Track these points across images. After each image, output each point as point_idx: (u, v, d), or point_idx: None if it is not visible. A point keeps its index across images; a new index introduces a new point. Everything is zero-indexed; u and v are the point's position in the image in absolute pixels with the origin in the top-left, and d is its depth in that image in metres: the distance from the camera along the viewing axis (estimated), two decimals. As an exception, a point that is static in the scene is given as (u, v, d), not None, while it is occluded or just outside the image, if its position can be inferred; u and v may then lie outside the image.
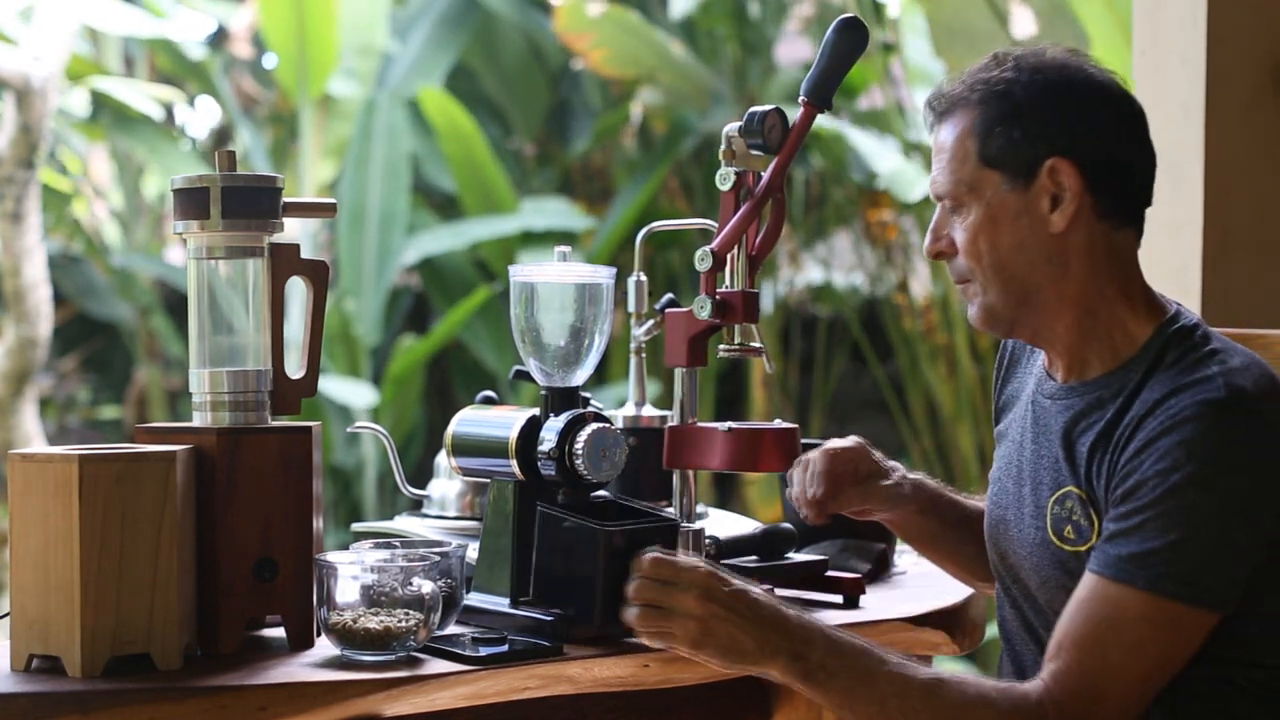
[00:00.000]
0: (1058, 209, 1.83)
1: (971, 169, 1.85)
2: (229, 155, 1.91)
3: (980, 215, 1.85)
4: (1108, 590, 1.73)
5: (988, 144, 1.84)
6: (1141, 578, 1.71)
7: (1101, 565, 1.74)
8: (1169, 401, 1.75)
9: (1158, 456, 1.72)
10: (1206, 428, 1.71)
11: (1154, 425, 1.74)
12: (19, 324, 5.84)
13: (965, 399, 6.38)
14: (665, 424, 2.18)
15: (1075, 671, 1.73)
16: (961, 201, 1.86)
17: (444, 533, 2.22)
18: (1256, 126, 2.99)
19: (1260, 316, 1.93)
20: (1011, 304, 1.87)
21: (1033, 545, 1.88)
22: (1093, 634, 1.73)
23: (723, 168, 2.07)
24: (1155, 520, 1.71)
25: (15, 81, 5.63)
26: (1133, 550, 1.72)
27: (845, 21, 2.06)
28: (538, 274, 2.04)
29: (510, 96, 8.01)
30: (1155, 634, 1.72)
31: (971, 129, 1.85)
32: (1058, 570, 1.84)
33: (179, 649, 1.77)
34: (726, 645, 1.79)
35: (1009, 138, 1.83)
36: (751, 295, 2.09)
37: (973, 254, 1.86)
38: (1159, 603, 1.71)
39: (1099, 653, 1.72)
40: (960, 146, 1.86)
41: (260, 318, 1.93)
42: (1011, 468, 1.96)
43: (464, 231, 7.37)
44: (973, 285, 1.88)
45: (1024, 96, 1.84)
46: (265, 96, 8.68)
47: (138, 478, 1.75)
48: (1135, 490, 1.73)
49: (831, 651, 1.78)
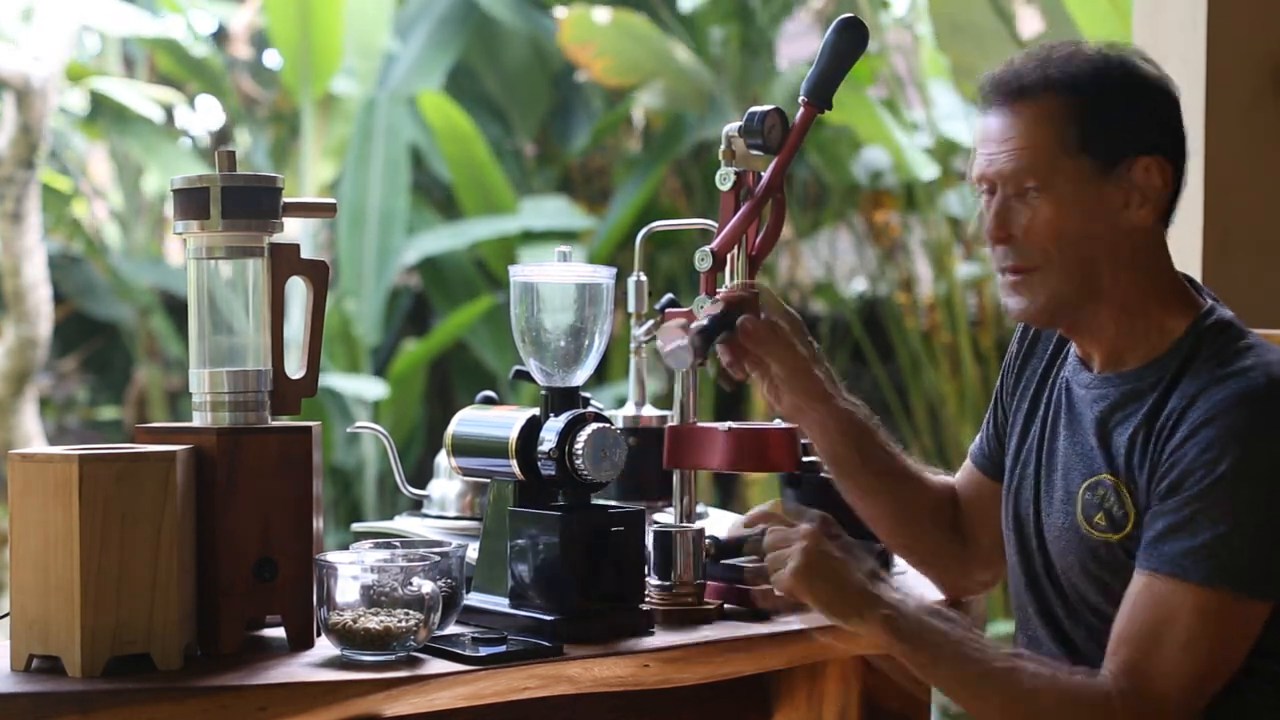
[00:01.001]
0: (1137, 205, 1.85)
1: (1051, 156, 1.84)
2: (229, 155, 1.91)
3: (1057, 203, 1.84)
4: (1161, 586, 1.75)
5: (1073, 133, 1.84)
6: (1194, 572, 1.73)
7: (1154, 562, 1.76)
8: (1209, 392, 1.77)
9: (1202, 448, 1.75)
10: (1248, 418, 1.74)
11: (1196, 417, 1.77)
12: (19, 324, 5.84)
13: (969, 399, 6.38)
14: (665, 424, 2.18)
15: (1137, 670, 1.75)
16: (1036, 188, 1.85)
17: (444, 533, 2.22)
18: (1256, 126, 2.99)
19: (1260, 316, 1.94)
20: (1071, 293, 1.86)
21: (1060, 530, 1.90)
22: (1149, 631, 1.75)
23: (723, 168, 2.07)
24: (1203, 513, 1.74)
25: (15, 81, 5.63)
26: (1184, 545, 1.74)
27: (845, 21, 2.06)
28: (538, 274, 2.04)
29: (511, 96, 8.01)
30: (1209, 627, 1.74)
31: (1054, 116, 1.84)
32: (1085, 556, 1.86)
33: (179, 649, 1.77)
34: (831, 581, 1.85)
35: (1110, 127, 1.84)
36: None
37: (1044, 240, 1.85)
38: (1210, 594, 1.73)
39: (1155, 650, 1.74)
40: (1040, 131, 1.84)
41: (260, 318, 1.93)
42: (1036, 453, 1.98)
43: (464, 231, 7.37)
44: (1034, 274, 1.87)
45: (1120, 89, 1.85)
46: (264, 96, 8.67)
47: (138, 478, 1.75)
48: (1181, 483, 1.76)
49: (927, 615, 1.83)
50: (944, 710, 6.16)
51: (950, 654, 1.81)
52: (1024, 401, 2.04)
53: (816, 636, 1.99)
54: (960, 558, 2.14)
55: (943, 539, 2.12)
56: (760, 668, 2.03)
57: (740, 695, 2.08)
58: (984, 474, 2.14)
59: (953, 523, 2.16)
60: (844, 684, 2.19)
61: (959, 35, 5.87)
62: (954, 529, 2.15)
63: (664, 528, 2.06)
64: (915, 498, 2.12)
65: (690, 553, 2.04)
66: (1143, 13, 3.08)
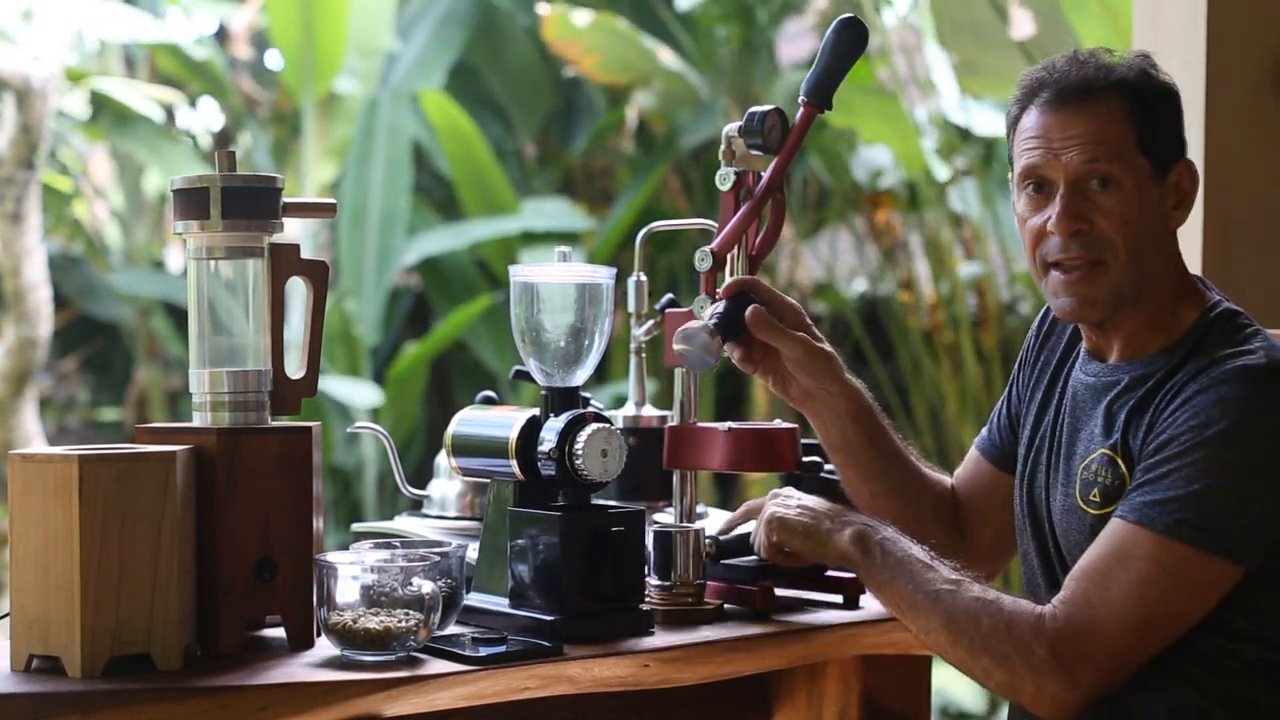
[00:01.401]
0: (1175, 206, 1.94)
1: (1130, 152, 1.90)
2: (229, 155, 1.92)
3: (1127, 197, 1.90)
4: (1124, 531, 1.79)
5: (1138, 134, 1.90)
6: (1160, 522, 1.77)
7: (1124, 510, 1.80)
8: (1211, 369, 1.82)
9: (1193, 413, 1.79)
10: (1243, 389, 1.79)
11: (1194, 387, 1.82)
12: (19, 324, 5.84)
13: (970, 399, 6.38)
14: (665, 424, 2.18)
15: (1078, 600, 1.79)
16: (1110, 179, 1.90)
17: (444, 533, 2.22)
18: (1256, 126, 2.99)
19: (1260, 316, 1.94)
20: (1131, 286, 1.91)
21: (1063, 511, 1.95)
22: (1101, 568, 1.79)
23: (722, 168, 2.07)
24: (1181, 470, 1.77)
25: (15, 82, 5.63)
26: (1155, 497, 1.78)
27: (845, 21, 2.06)
28: (538, 274, 2.04)
29: (513, 97, 8.01)
30: (1161, 575, 1.76)
31: (1127, 115, 1.90)
32: (1085, 534, 1.89)
33: (179, 649, 1.77)
34: (803, 521, 1.98)
35: (1161, 134, 1.92)
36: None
37: (1123, 231, 1.90)
38: (1170, 545, 1.76)
39: (1102, 584, 1.78)
40: (1119, 128, 1.90)
41: (260, 318, 1.93)
42: (1050, 442, 2.01)
43: (464, 232, 7.37)
44: (1099, 267, 1.91)
45: (1167, 98, 1.94)
46: (265, 96, 8.68)
47: (138, 478, 1.75)
48: (1167, 443, 1.80)
49: (894, 536, 1.92)
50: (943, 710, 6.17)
51: (905, 571, 1.88)
52: (1038, 392, 2.07)
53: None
54: (959, 554, 2.15)
55: (943, 535, 2.13)
56: (760, 668, 2.03)
57: (740, 695, 2.08)
58: (992, 463, 2.16)
59: (952, 520, 2.17)
60: (844, 684, 2.19)
61: (960, 32, 5.87)
62: (954, 526, 2.16)
63: (664, 528, 2.06)
64: (918, 488, 2.15)
65: (690, 553, 2.04)
66: (1143, 13, 3.08)
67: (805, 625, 2.04)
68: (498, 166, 7.39)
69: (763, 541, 2.03)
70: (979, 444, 2.20)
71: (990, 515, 2.14)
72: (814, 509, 2.00)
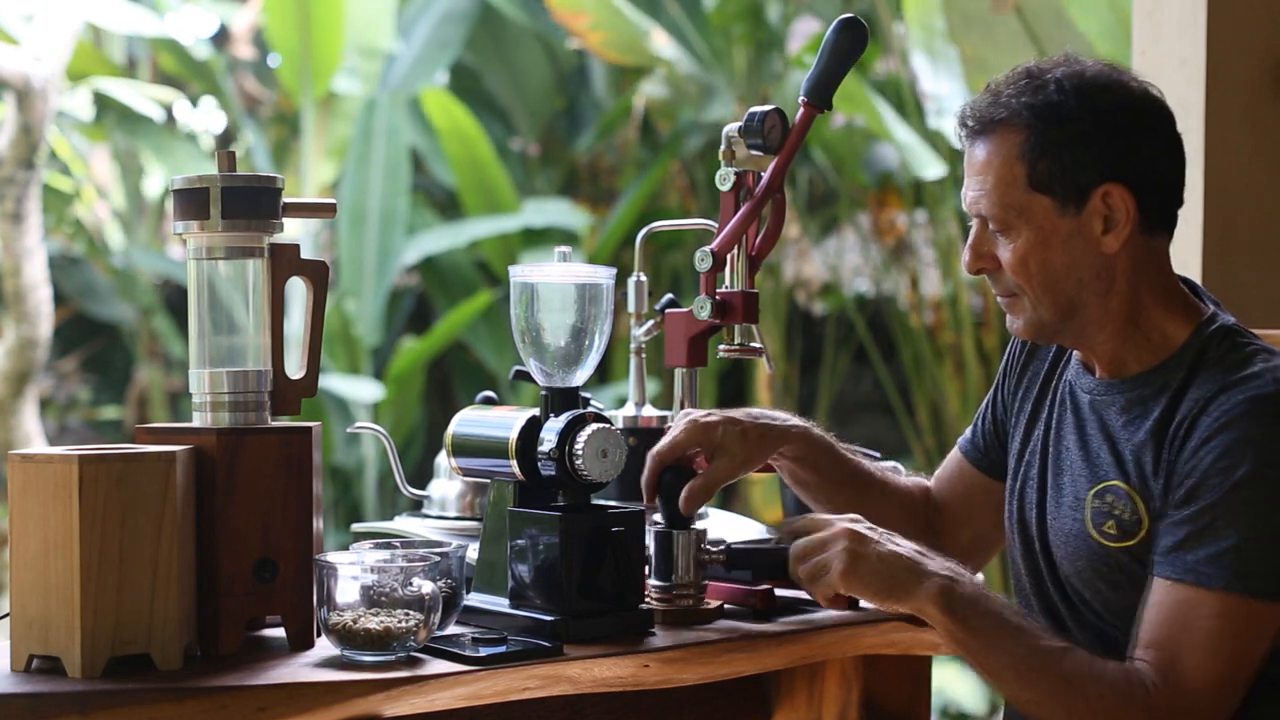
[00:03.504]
0: (1110, 231, 1.86)
1: (1020, 193, 1.86)
2: (229, 155, 1.92)
3: (1031, 237, 1.86)
4: (1182, 594, 1.77)
5: (1038, 169, 1.84)
6: (1216, 579, 1.76)
7: (1176, 571, 1.78)
8: (1220, 399, 1.79)
9: (1217, 454, 1.77)
10: (1261, 423, 1.77)
11: (1208, 423, 1.79)
12: (19, 324, 5.84)
13: (972, 398, 6.38)
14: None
15: (1167, 670, 1.76)
16: (1010, 224, 1.87)
17: (444, 533, 2.22)
18: (1256, 126, 2.99)
19: (1260, 316, 1.95)
20: (1059, 318, 1.89)
21: (1068, 535, 1.92)
22: (1173, 636, 1.77)
23: (723, 168, 2.07)
24: (1220, 520, 1.76)
25: (16, 81, 5.63)
26: (1206, 553, 1.76)
27: (845, 22, 2.07)
28: (538, 274, 2.04)
29: (515, 96, 8.01)
30: (1230, 630, 1.76)
31: (1019, 153, 1.85)
32: (1095, 561, 1.88)
33: (179, 649, 1.77)
34: (879, 570, 1.83)
35: (1060, 164, 1.84)
36: (751, 296, 2.10)
37: (1022, 274, 1.88)
38: (1233, 600, 1.75)
39: (1181, 653, 1.76)
40: (1008, 170, 1.86)
41: (260, 318, 1.93)
42: (1040, 455, 1.99)
43: (465, 231, 7.36)
44: (1020, 300, 1.91)
45: (1074, 122, 1.84)
46: (266, 96, 8.68)
47: (138, 478, 1.75)
48: (1198, 490, 1.78)
49: (980, 591, 1.82)
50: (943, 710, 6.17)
51: (1002, 633, 1.80)
52: (1026, 402, 2.05)
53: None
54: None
55: (914, 537, 2.13)
56: (760, 668, 2.03)
57: (740, 695, 2.08)
58: (974, 466, 2.16)
59: (928, 522, 2.17)
60: (844, 684, 2.19)
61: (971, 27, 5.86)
62: (929, 528, 2.16)
63: (664, 528, 2.06)
64: (882, 502, 2.13)
65: (690, 553, 2.04)
66: (1143, 13, 3.08)
67: (805, 625, 2.04)
68: (500, 166, 7.39)
69: (828, 586, 1.87)
70: (961, 446, 2.20)
71: (970, 516, 2.14)
72: (890, 559, 1.84)
